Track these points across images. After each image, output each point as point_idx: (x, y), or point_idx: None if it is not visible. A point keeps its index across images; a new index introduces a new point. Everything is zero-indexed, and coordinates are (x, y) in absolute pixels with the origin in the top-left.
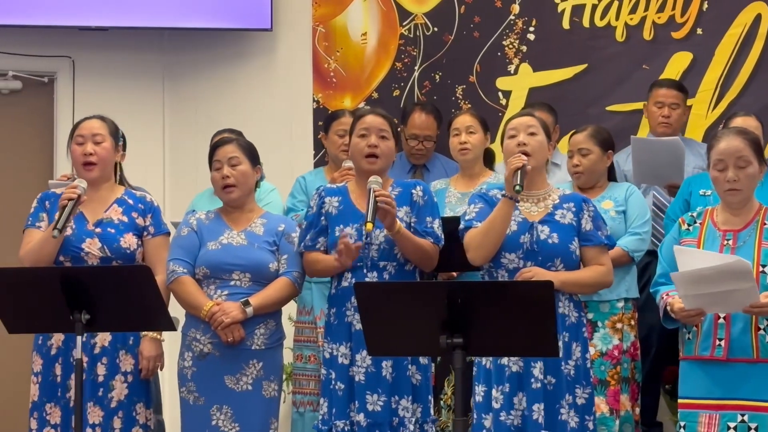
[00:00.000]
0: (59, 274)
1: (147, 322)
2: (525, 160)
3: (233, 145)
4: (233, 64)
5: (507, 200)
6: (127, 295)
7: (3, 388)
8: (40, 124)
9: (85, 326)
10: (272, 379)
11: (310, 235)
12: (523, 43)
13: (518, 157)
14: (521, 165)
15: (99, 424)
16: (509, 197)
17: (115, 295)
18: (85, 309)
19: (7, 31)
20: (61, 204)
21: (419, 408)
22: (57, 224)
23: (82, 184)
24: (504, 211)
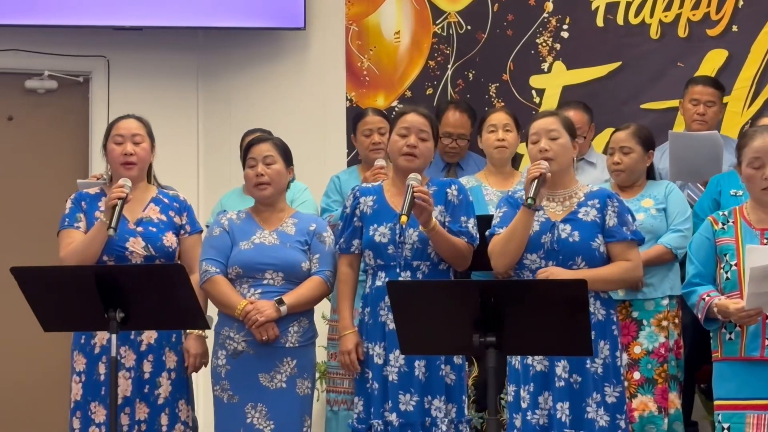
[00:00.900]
0: (94, 273)
1: (181, 321)
2: (543, 169)
3: (269, 144)
4: (267, 63)
5: (525, 209)
6: (161, 294)
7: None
8: (75, 124)
9: (120, 325)
10: (306, 377)
11: (344, 237)
12: (556, 41)
13: (537, 165)
14: (539, 175)
15: (145, 420)
16: (526, 206)
17: (149, 293)
18: (120, 307)
19: (43, 31)
20: (111, 203)
21: (453, 408)
22: (111, 223)
23: (127, 183)
24: (524, 220)
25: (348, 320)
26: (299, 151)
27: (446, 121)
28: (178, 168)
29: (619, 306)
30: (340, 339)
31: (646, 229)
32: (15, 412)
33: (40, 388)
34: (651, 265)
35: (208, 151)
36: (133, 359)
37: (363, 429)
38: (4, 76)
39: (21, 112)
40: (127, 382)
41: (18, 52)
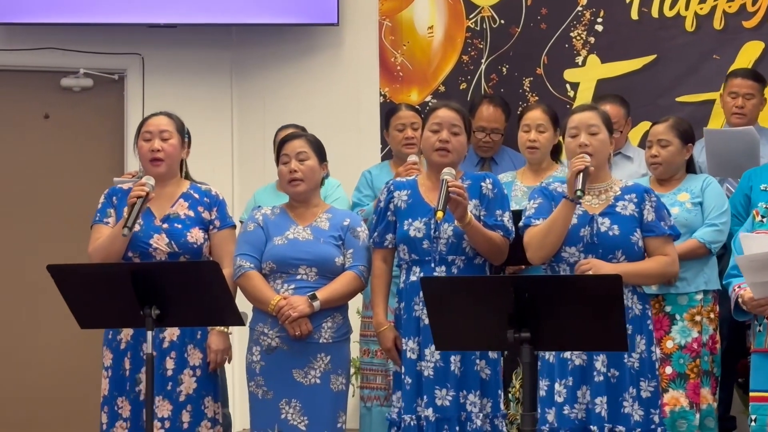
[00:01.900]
0: (130, 270)
1: (216, 317)
2: (588, 162)
3: (302, 140)
4: (300, 59)
5: (567, 202)
6: (196, 291)
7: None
8: (110, 121)
9: (155, 321)
10: (340, 372)
11: (378, 231)
12: (591, 35)
13: (581, 158)
14: (583, 168)
15: (168, 417)
16: (570, 199)
17: (184, 290)
18: (155, 304)
19: (78, 30)
20: (130, 202)
21: (489, 403)
22: (126, 222)
23: (150, 181)
24: (564, 213)
25: (382, 316)
26: (333, 147)
27: (480, 115)
28: (212, 164)
29: (651, 300)
30: (376, 335)
31: (681, 223)
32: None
33: (76, 383)
34: (684, 260)
35: (243, 147)
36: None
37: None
38: (40, 75)
39: (57, 110)
40: None
41: (54, 50)
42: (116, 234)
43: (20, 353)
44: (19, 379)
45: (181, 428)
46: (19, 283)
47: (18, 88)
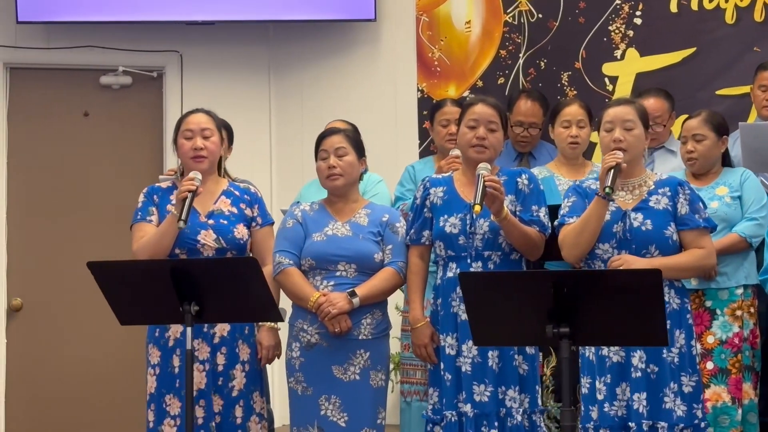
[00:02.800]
0: (169, 267)
1: (255, 313)
2: (620, 158)
3: (340, 136)
4: (338, 55)
5: (600, 199)
6: (235, 287)
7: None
8: (149, 119)
9: (195, 317)
10: (379, 368)
11: (414, 228)
12: (629, 28)
13: (613, 155)
14: (615, 164)
15: (219, 412)
16: (602, 196)
17: (223, 286)
18: (195, 300)
19: (117, 27)
20: (181, 196)
21: (527, 398)
22: (181, 216)
23: (197, 176)
24: (597, 211)
25: (419, 312)
26: (370, 143)
27: (518, 110)
28: (251, 161)
29: (692, 295)
30: (412, 331)
31: (720, 217)
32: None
33: (118, 380)
34: (725, 254)
35: (281, 144)
36: (207, 352)
37: (438, 420)
38: (79, 73)
39: (96, 108)
40: (202, 375)
41: (93, 48)
42: (165, 230)
43: (63, 350)
44: (62, 377)
45: (234, 423)
46: (60, 279)
47: (58, 86)
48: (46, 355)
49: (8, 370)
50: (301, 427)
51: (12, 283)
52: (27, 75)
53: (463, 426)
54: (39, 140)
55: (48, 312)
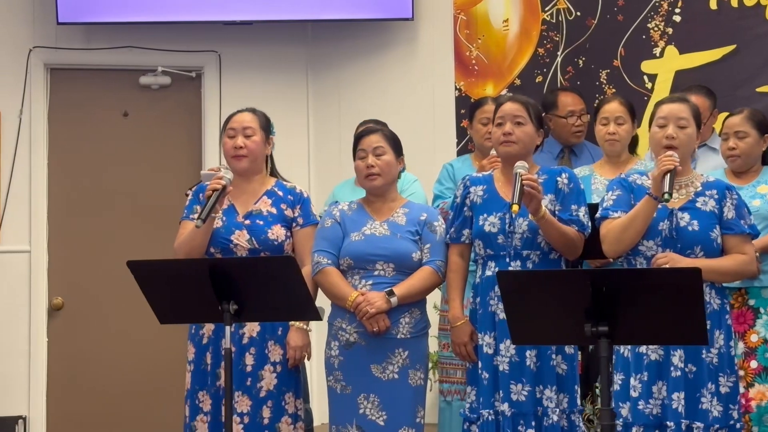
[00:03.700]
0: (208, 266)
1: (293, 313)
2: (677, 161)
3: (378, 135)
4: (375, 54)
5: (651, 199)
6: (273, 286)
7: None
8: (188, 118)
9: (233, 317)
10: (418, 367)
11: (455, 227)
12: (668, 25)
13: (670, 158)
14: (672, 167)
15: (247, 413)
16: (654, 197)
17: (261, 285)
18: (233, 300)
19: (156, 28)
20: (207, 194)
21: (565, 398)
22: (200, 214)
23: (227, 174)
24: (646, 210)
25: (459, 310)
26: (408, 142)
27: (564, 103)
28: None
29: (734, 294)
30: (451, 330)
31: (762, 215)
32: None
33: (158, 378)
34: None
35: (319, 143)
36: (234, 352)
37: (474, 418)
38: (119, 73)
39: (136, 108)
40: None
41: (132, 49)
42: (195, 229)
43: (103, 349)
44: (102, 375)
45: (261, 424)
46: (100, 279)
47: (98, 87)
48: (87, 353)
49: (49, 369)
50: (340, 426)
51: (53, 283)
52: (67, 76)
53: (500, 425)
54: (79, 140)
55: (89, 311)
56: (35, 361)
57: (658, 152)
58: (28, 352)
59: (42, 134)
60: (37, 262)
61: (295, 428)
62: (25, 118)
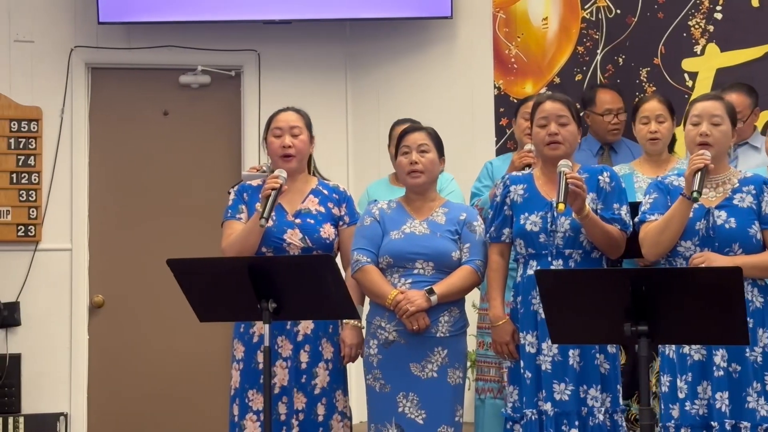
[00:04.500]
0: (247, 264)
1: (331, 311)
2: (707, 160)
3: (423, 133)
4: (414, 52)
5: (684, 199)
6: (311, 284)
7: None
8: (227, 117)
9: (272, 315)
10: (457, 366)
11: (495, 225)
12: (710, 23)
13: (701, 156)
14: (703, 166)
15: (302, 410)
16: (687, 197)
17: (299, 284)
18: (272, 298)
19: (196, 27)
20: (265, 194)
21: (608, 397)
22: (263, 213)
23: (282, 173)
24: (681, 210)
25: (500, 309)
26: (447, 140)
27: (601, 101)
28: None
29: None
30: (492, 329)
31: None
32: (175, 399)
33: (199, 376)
34: None
35: (357, 142)
36: (290, 349)
37: (517, 418)
38: (159, 72)
39: (176, 107)
40: (284, 372)
41: (172, 48)
42: (251, 228)
43: (144, 346)
44: (143, 373)
45: (315, 421)
46: (140, 276)
47: (138, 86)
48: (128, 351)
49: (90, 366)
50: (379, 424)
51: (94, 281)
52: (108, 75)
53: (543, 424)
54: (120, 139)
55: (129, 309)
56: (76, 359)
57: (693, 150)
58: (70, 350)
59: (83, 133)
60: (78, 261)
61: (344, 426)
62: (66, 118)
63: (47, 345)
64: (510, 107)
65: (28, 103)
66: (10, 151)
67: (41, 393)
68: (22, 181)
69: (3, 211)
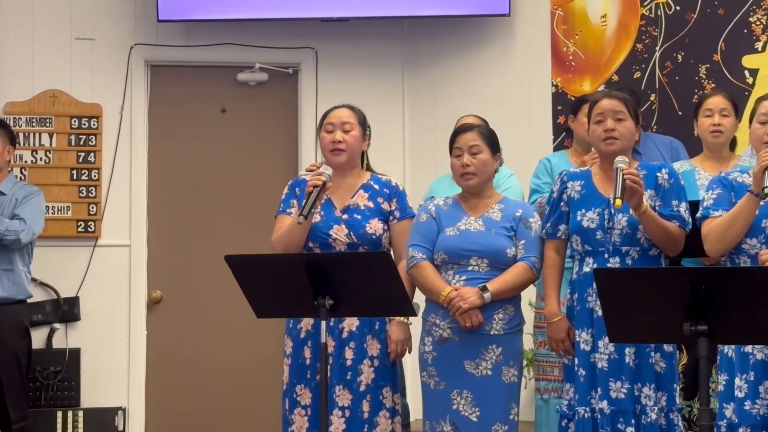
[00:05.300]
0: (304, 261)
1: (389, 308)
2: None
3: (474, 133)
4: (472, 50)
5: (752, 197)
6: (368, 281)
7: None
8: (285, 114)
9: (329, 311)
10: (512, 364)
11: (551, 222)
12: None
13: None
14: None
15: (348, 407)
16: (755, 194)
17: (356, 280)
18: (329, 294)
19: (254, 25)
20: (307, 191)
21: (664, 396)
22: (302, 211)
23: (327, 170)
24: (747, 208)
25: (555, 306)
26: (504, 138)
27: None
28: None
29: None
30: (547, 326)
31: None
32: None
33: (255, 371)
34: None
35: (414, 140)
36: (333, 346)
37: (572, 415)
38: (217, 70)
39: (233, 104)
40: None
41: (231, 46)
42: (294, 223)
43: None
44: (200, 367)
45: (361, 418)
46: (198, 272)
47: (196, 83)
48: (185, 346)
49: (148, 360)
50: (434, 422)
51: (152, 276)
52: (167, 72)
53: (597, 423)
54: (178, 136)
55: (187, 304)
56: (134, 354)
57: (759, 149)
58: (128, 345)
59: (142, 130)
60: (136, 257)
61: (393, 422)
62: (125, 115)
63: (106, 340)
64: (567, 105)
65: (89, 100)
66: (70, 147)
67: (100, 387)
68: (82, 177)
69: (63, 207)
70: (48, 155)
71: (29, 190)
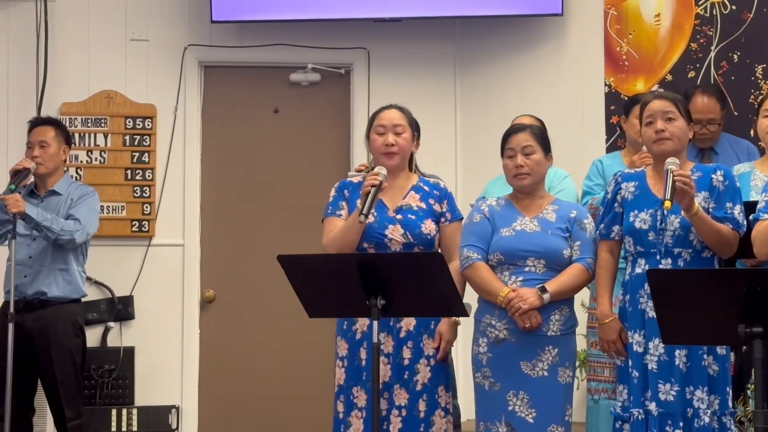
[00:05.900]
0: (357, 261)
1: (440, 308)
2: None
3: (527, 133)
4: (524, 50)
5: None
6: (421, 282)
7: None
8: (337, 115)
9: (381, 311)
10: (567, 365)
11: (605, 222)
12: None
13: None
14: None
15: (405, 406)
16: None
17: (409, 281)
18: (381, 294)
19: (307, 26)
20: (365, 191)
21: (716, 400)
22: (363, 210)
23: (382, 171)
24: None
25: (607, 307)
26: (557, 138)
27: (694, 106)
28: (436, 156)
29: None
30: (599, 326)
31: None
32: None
33: (307, 371)
34: None
35: (466, 140)
36: (392, 346)
37: (626, 417)
38: (270, 70)
39: (286, 105)
40: (386, 368)
41: (283, 46)
42: (351, 225)
43: (253, 341)
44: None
45: (417, 417)
46: (251, 272)
47: (249, 84)
48: (238, 345)
49: (201, 360)
50: (488, 422)
51: (205, 276)
52: (220, 73)
53: (648, 424)
54: (231, 136)
55: (239, 303)
56: (188, 353)
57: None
58: (181, 344)
59: (196, 130)
60: (190, 256)
61: (447, 422)
62: (179, 115)
63: (160, 339)
64: (620, 105)
65: (143, 100)
66: (125, 147)
67: (154, 385)
68: (136, 177)
69: (118, 206)
70: (103, 155)
71: (84, 190)
